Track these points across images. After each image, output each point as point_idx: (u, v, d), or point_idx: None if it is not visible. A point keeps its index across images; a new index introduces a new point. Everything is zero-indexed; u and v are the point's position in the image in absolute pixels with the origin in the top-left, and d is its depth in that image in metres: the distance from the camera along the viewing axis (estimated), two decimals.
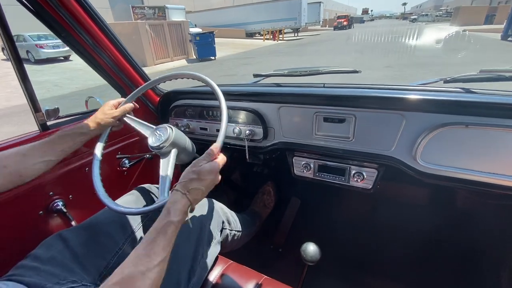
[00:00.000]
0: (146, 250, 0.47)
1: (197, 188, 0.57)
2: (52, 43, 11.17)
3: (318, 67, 1.11)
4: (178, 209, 0.53)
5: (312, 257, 0.89)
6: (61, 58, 12.04)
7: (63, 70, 10.30)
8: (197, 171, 0.59)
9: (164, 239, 0.49)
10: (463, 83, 0.89)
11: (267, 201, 1.49)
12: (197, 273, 0.73)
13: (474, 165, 0.74)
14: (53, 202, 0.98)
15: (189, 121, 1.23)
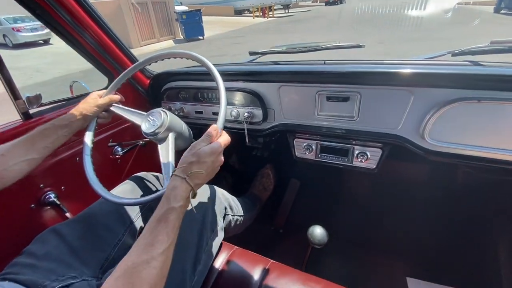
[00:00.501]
0: (149, 239, 0.45)
1: (197, 172, 0.53)
2: (30, 26, 10.51)
3: (318, 43, 1.04)
4: (179, 195, 0.50)
5: (320, 240, 0.88)
6: (41, 41, 11.40)
7: (44, 54, 9.78)
8: (197, 154, 0.55)
9: (166, 226, 0.47)
10: (472, 56, 0.85)
11: (266, 184, 1.47)
12: (203, 261, 0.71)
13: (486, 141, 0.72)
14: (44, 195, 0.93)
15: (183, 105, 1.16)
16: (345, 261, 1.25)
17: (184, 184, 0.52)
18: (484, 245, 1.18)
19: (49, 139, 0.72)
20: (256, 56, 1.18)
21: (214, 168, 0.57)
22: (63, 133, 0.75)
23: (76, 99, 1.06)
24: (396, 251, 1.26)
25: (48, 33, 11.18)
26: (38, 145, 0.70)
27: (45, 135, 0.72)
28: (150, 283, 0.40)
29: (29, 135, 0.70)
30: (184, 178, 0.52)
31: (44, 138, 0.71)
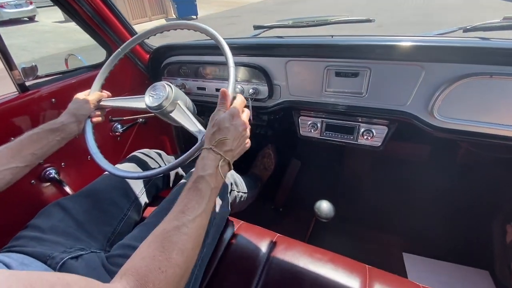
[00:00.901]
0: (180, 206, 0.46)
1: (222, 139, 0.53)
2: (13, 2, 9.93)
3: (326, 17, 1.01)
4: (207, 164, 0.51)
5: (327, 214, 0.89)
6: (26, 18, 10.83)
7: (30, 32, 9.32)
8: (216, 123, 0.55)
9: (196, 194, 0.47)
10: (483, 32, 0.83)
11: (267, 164, 1.47)
12: (211, 234, 0.71)
13: (497, 118, 0.72)
14: (44, 170, 0.91)
15: (184, 80, 1.13)
16: (344, 237, 1.28)
17: (211, 153, 0.52)
18: (479, 223, 1.22)
19: (38, 144, 0.65)
20: (260, 31, 1.14)
21: (239, 132, 0.56)
22: (55, 138, 0.68)
23: (73, 72, 1.01)
24: (394, 228, 1.30)
25: (33, 10, 10.61)
26: (25, 151, 0.63)
27: (34, 140, 0.65)
28: (181, 248, 0.40)
29: (16, 141, 0.64)
30: (211, 148, 0.53)
31: (32, 143, 0.65)
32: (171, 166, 0.67)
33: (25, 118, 0.85)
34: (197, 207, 0.46)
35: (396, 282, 0.62)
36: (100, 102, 0.80)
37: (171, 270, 0.37)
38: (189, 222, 0.43)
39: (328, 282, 0.63)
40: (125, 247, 0.62)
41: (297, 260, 0.68)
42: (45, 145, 0.67)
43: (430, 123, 0.81)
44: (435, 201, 1.29)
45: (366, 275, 0.64)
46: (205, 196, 0.48)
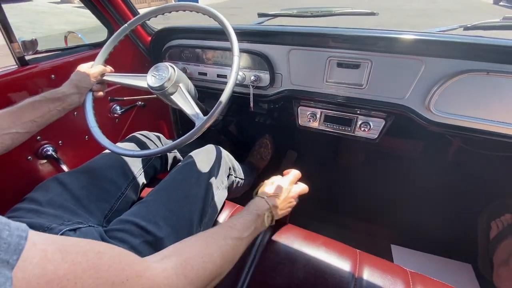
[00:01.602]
0: (230, 223, 0.54)
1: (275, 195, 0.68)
2: None
3: (330, 8, 1.01)
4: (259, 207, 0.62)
5: None
6: None
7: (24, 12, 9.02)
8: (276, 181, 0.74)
9: (243, 221, 0.55)
10: (483, 31, 0.85)
11: (264, 154, 1.49)
12: (208, 215, 0.73)
13: (491, 115, 0.74)
14: (42, 147, 0.91)
15: (186, 65, 1.12)
16: (335, 227, 1.31)
17: (264, 202, 0.64)
18: (466, 218, 1.26)
19: (38, 112, 0.66)
20: (264, 19, 1.14)
21: (289, 197, 0.70)
22: (56, 107, 0.69)
23: (73, 49, 1.00)
24: (384, 221, 1.33)
25: None
26: (26, 118, 0.64)
27: (35, 107, 0.66)
28: (223, 253, 0.45)
29: (17, 106, 0.64)
30: (263, 198, 0.65)
31: (33, 110, 0.65)
32: (168, 148, 0.68)
33: (23, 93, 0.84)
34: (242, 232, 0.52)
35: (385, 266, 0.65)
36: (103, 76, 0.80)
37: (210, 265, 0.41)
38: (234, 238, 0.49)
39: (320, 264, 0.65)
40: (124, 222, 0.63)
41: (291, 242, 0.70)
42: (46, 113, 0.67)
43: (426, 117, 0.83)
44: (425, 196, 1.33)
45: (356, 258, 0.67)
46: (250, 229, 0.54)
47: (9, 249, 0.21)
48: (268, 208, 0.63)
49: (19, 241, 0.23)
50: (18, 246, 0.22)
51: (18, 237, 0.23)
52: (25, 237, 0.23)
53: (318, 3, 7.68)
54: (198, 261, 0.39)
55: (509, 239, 1.05)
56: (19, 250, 0.22)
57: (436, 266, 1.16)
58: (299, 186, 0.75)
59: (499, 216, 1.15)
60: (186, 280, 0.36)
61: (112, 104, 1.12)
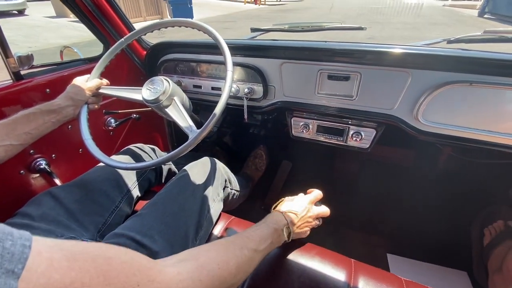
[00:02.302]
0: (247, 233, 0.53)
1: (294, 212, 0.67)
2: None
3: (320, 23, 1.05)
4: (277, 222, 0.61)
5: None
6: (15, 12, 10.56)
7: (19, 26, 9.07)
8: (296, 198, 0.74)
9: (261, 233, 0.55)
10: (466, 44, 0.89)
11: (259, 165, 1.50)
12: (204, 227, 0.73)
13: (475, 123, 0.77)
14: (34, 161, 0.90)
15: (181, 78, 1.14)
16: (331, 237, 1.31)
17: (282, 217, 0.64)
18: (460, 226, 1.27)
19: (33, 124, 0.66)
20: (257, 34, 1.18)
21: (307, 216, 0.69)
22: (50, 119, 0.69)
23: (69, 63, 1.01)
24: (379, 230, 1.34)
25: (23, 3, 10.36)
26: (19, 130, 0.63)
27: (29, 119, 0.66)
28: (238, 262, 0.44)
29: (11, 119, 0.64)
30: (282, 213, 0.65)
31: (27, 122, 0.65)
32: (161, 160, 0.69)
33: (18, 107, 0.84)
34: (258, 244, 0.51)
35: (380, 275, 0.65)
36: (99, 89, 0.81)
37: (225, 273, 0.40)
38: (250, 249, 0.49)
39: (315, 275, 0.65)
40: (118, 236, 0.62)
41: (286, 253, 0.70)
42: (40, 125, 0.67)
43: (415, 126, 0.85)
44: (419, 204, 1.35)
45: (351, 268, 0.67)
46: (266, 241, 0.54)
47: (13, 258, 0.21)
48: (286, 223, 0.62)
49: (23, 250, 0.22)
50: (23, 255, 0.22)
51: (22, 246, 0.22)
52: (29, 246, 0.23)
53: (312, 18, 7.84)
54: (214, 267, 0.39)
55: (502, 245, 1.06)
56: (23, 259, 0.22)
57: (432, 274, 1.16)
58: (321, 208, 0.75)
59: (492, 223, 1.17)
60: (201, 285, 0.35)
61: (107, 117, 1.13)
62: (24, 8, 10.57)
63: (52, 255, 0.24)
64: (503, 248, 1.04)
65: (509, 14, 9.51)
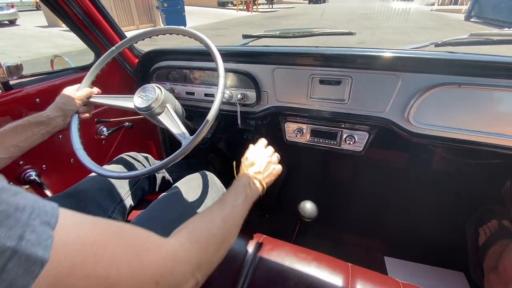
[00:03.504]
0: (223, 197, 0.56)
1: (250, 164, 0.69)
2: None
3: (311, 29, 1.07)
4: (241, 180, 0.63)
5: (311, 214, 0.91)
6: (6, 22, 10.50)
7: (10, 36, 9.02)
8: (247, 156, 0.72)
9: (231, 194, 0.58)
10: (453, 47, 0.91)
11: None
12: None
13: (465, 124, 0.78)
14: (24, 172, 0.89)
15: (173, 85, 1.14)
16: (328, 241, 1.31)
17: (245, 176, 0.66)
18: (455, 227, 1.28)
19: (22, 136, 0.64)
20: (249, 40, 1.18)
21: (264, 158, 0.71)
22: (40, 131, 0.68)
23: (59, 72, 1.00)
24: (376, 233, 1.34)
25: (15, 13, 10.33)
26: (8, 143, 0.62)
27: (18, 132, 0.64)
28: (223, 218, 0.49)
29: (0, 131, 0.62)
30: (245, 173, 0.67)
31: (16, 135, 0.64)
32: (154, 168, 0.67)
33: (7, 118, 0.83)
34: (234, 202, 0.55)
35: (377, 279, 0.65)
36: (90, 98, 0.80)
37: (214, 229, 0.45)
38: (229, 207, 0.53)
39: (312, 280, 0.65)
40: None
41: (283, 259, 0.70)
42: (29, 137, 0.65)
43: (406, 129, 0.86)
44: (414, 206, 1.35)
45: (348, 273, 0.67)
46: (241, 196, 0.57)
47: (48, 213, 0.24)
48: (251, 175, 0.65)
49: (53, 210, 0.25)
50: (54, 212, 0.24)
51: (52, 207, 0.25)
52: (57, 208, 0.25)
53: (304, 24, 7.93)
54: (203, 228, 0.43)
55: (497, 245, 1.07)
56: (56, 216, 0.24)
57: (429, 276, 1.16)
58: (269, 148, 0.78)
59: (486, 222, 1.18)
60: (198, 244, 0.39)
61: (99, 126, 1.11)
62: (15, 18, 10.54)
63: (75, 218, 0.27)
64: (498, 247, 1.05)
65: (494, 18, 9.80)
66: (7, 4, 9.95)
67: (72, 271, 0.23)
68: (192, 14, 13.59)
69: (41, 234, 0.22)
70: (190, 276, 0.36)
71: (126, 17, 10.22)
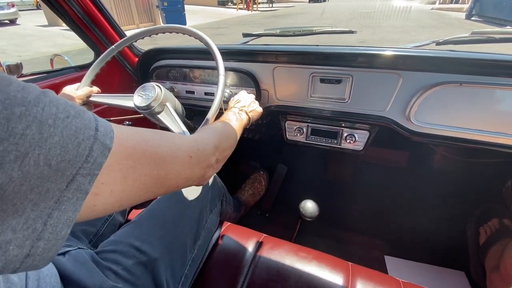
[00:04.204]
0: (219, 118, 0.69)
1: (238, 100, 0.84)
2: None
3: (311, 27, 1.06)
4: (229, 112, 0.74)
5: (312, 213, 0.91)
6: (6, 21, 10.50)
7: (10, 35, 9.02)
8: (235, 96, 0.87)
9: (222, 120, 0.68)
10: (454, 45, 0.91)
11: (257, 190, 1.46)
12: (202, 237, 0.72)
13: (466, 123, 0.78)
14: None
15: (173, 84, 1.14)
16: (328, 240, 1.31)
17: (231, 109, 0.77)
18: (456, 226, 1.28)
19: None
20: (249, 39, 1.18)
21: (249, 97, 0.86)
22: None
23: (59, 71, 1.00)
24: (376, 232, 1.33)
25: (15, 13, 10.32)
26: None
27: None
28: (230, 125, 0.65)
29: None
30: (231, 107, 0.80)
31: None
32: None
33: None
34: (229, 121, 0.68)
35: (377, 277, 0.65)
36: (90, 97, 0.80)
37: (220, 128, 0.59)
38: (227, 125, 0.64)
39: (312, 279, 0.65)
40: (116, 243, 0.61)
41: (283, 258, 0.70)
42: None
43: (407, 127, 0.86)
44: (415, 205, 1.35)
45: (349, 271, 0.66)
46: (232, 120, 0.69)
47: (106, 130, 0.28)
48: (238, 108, 0.78)
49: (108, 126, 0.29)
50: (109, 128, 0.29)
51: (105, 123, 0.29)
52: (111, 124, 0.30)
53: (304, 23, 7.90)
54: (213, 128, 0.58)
55: (498, 244, 1.06)
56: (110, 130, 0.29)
57: (430, 275, 1.16)
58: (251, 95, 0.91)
59: (487, 221, 1.18)
60: (213, 133, 0.53)
61: None
62: (15, 18, 10.53)
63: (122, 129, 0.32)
64: (499, 246, 1.05)
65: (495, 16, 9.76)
66: (8, 3, 9.94)
67: (129, 155, 0.30)
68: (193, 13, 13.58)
69: (106, 127, 0.28)
70: (212, 153, 0.47)
71: (126, 16, 10.21)
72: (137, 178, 0.31)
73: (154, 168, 0.33)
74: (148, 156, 0.33)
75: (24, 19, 11.06)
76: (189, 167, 0.40)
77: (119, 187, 0.29)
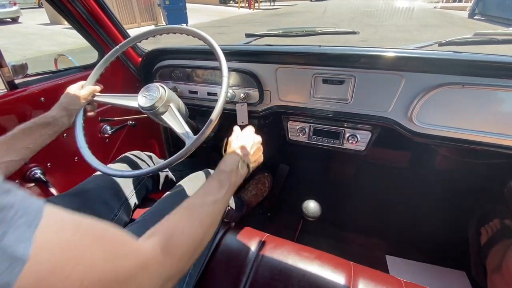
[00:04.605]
0: (203, 190, 0.53)
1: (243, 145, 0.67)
2: None
3: (314, 27, 1.06)
4: (228, 163, 0.60)
5: (314, 213, 0.92)
6: (8, 19, 10.51)
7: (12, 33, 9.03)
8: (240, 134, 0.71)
9: (218, 183, 0.54)
10: (456, 46, 0.91)
11: (260, 191, 1.46)
12: None
13: (468, 124, 0.78)
14: (30, 170, 0.89)
15: (176, 84, 1.14)
16: (330, 240, 1.31)
17: (233, 155, 0.63)
18: (457, 226, 1.28)
19: (30, 138, 0.66)
20: (252, 39, 1.19)
21: (256, 142, 0.70)
22: (47, 132, 0.69)
23: (63, 71, 1.01)
24: (378, 232, 1.34)
25: (17, 11, 10.33)
26: (18, 145, 0.64)
27: (26, 134, 0.66)
28: (201, 221, 0.45)
29: (9, 135, 0.64)
30: (233, 151, 0.64)
31: (25, 137, 0.65)
32: (158, 167, 0.68)
33: (13, 116, 0.84)
34: (217, 194, 0.52)
35: (379, 277, 0.65)
36: (94, 97, 0.81)
37: (191, 236, 0.42)
38: (210, 203, 0.49)
39: (314, 278, 0.65)
40: None
41: (285, 258, 0.70)
42: (37, 138, 0.67)
43: (409, 128, 0.86)
44: (417, 205, 1.36)
45: (351, 271, 0.67)
46: (225, 186, 0.55)
47: (32, 214, 0.24)
48: (240, 158, 0.63)
49: (39, 211, 0.25)
50: (39, 213, 0.24)
51: (38, 207, 0.25)
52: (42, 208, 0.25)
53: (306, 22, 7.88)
54: (181, 237, 0.41)
55: (500, 244, 1.07)
56: (39, 217, 0.24)
57: (431, 275, 1.17)
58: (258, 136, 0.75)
59: (488, 222, 1.18)
60: (172, 257, 0.38)
61: (103, 124, 1.12)
62: (17, 16, 10.53)
63: (60, 219, 0.27)
64: (501, 247, 1.05)
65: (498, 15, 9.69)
66: (10, 1, 9.95)
67: (52, 273, 0.23)
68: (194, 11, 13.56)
69: (22, 234, 0.22)
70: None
71: (128, 14, 10.21)
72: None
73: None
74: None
75: (26, 18, 11.07)
76: None
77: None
